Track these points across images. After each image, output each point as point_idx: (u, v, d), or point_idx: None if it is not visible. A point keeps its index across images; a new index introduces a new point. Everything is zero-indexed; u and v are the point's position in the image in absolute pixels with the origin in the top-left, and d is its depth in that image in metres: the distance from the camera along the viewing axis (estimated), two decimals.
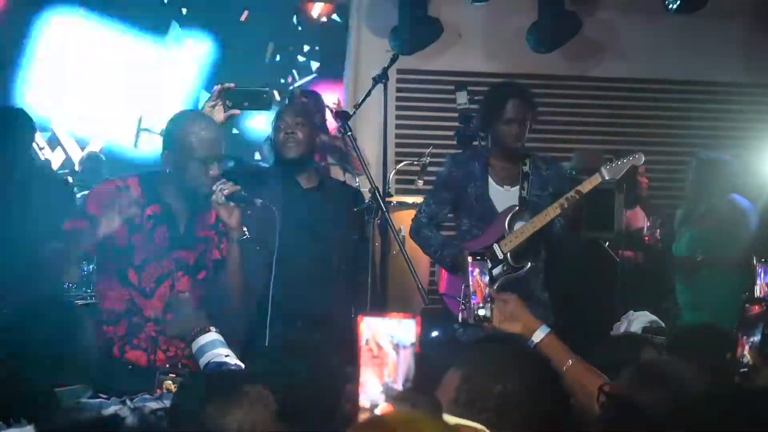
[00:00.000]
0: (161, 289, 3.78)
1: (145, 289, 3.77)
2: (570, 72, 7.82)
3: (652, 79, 7.98)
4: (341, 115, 4.79)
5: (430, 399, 1.93)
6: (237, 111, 4.10)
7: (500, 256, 4.86)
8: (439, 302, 5.39)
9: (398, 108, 7.55)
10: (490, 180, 4.97)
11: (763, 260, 3.45)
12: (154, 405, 2.82)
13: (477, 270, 3.07)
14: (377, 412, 1.83)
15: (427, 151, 6.71)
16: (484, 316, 2.95)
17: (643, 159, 4.95)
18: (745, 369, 3.00)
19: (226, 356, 3.21)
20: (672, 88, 8.01)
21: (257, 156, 6.93)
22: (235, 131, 7.79)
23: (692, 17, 7.42)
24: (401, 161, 7.11)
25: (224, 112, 4.06)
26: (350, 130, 4.63)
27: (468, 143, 6.01)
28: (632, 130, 7.92)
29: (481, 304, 3.02)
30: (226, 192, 3.71)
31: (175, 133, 3.77)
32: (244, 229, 3.84)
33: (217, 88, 4.08)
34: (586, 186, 4.80)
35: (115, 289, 3.78)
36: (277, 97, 7.58)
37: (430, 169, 6.79)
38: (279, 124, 4.74)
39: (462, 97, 6.23)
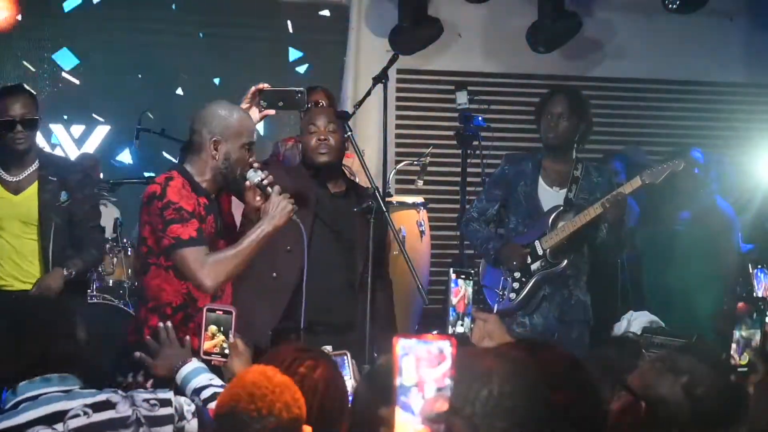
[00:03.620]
0: None
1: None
2: (570, 72, 7.81)
3: (652, 79, 7.97)
4: (341, 115, 4.78)
5: (466, 420, 1.92)
6: (272, 111, 4.18)
7: (540, 252, 5.00)
8: (439, 302, 5.39)
9: (398, 108, 7.55)
10: (540, 180, 5.15)
11: (759, 266, 3.46)
12: (147, 395, 2.81)
13: (461, 283, 3.06)
14: None
15: (427, 151, 6.71)
16: (462, 334, 2.94)
17: (683, 165, 5.06)
18: (743, 368, 3.01)
19: (210, 380, 3.18)
20: (672, 88, 8.01)
21: None
22: None
23: (692, 17, 7.41)
24: (401, 161, 7.10)
25: (259, 112, 4.13)
26: (350, 130, 4.62)
27: (468, 143, 6.01)
28: (632, 130, 7.92)
29: (460, 321, 3.01)
30: (284, 205, 3.89)
31: (223, 120, 3.96)
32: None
33: (252, 89, 4.12)
34: (627, 188, 4.98)
35: (173, 284, 3.94)
36: None
37: (430, 169, 6.79)
38: (310, 127, 4.65)
39: (462, 97, 6.20)
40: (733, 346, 3.02)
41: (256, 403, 2.41)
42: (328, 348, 3.27)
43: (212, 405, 2.88)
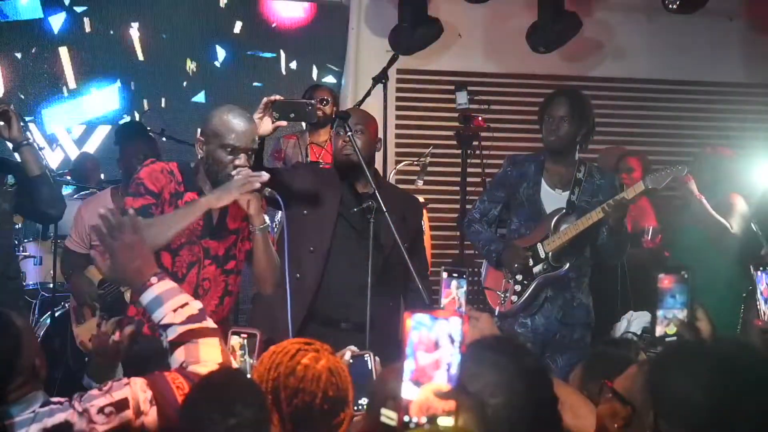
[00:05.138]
0: (191, 276, 4.02)
1: (177, 274, 3.97)
2: (570, 72, 7.81)
3: (652, 79, 7.98)
4: (342, 115, 4.80)
5: (473, 397, 1.93)
6: (283, 123, 4.26)
7: (542, 255, 5.00)
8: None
9: (398, 108, 7.55)
10: (543, 182, 5.14)
11: (761, 268, 3.46)
12: (102, 402, 2.73)
13: (452, 284, 3.04)
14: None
15: (427, 151, 6.72)
16: None
17: (686, 171, 5.08)
18: (672, 338, 2.99)
19: (181, 306, 2.86)
20: (672, 88, 8.01)
21: None
22: None
23: (692, 17, 7.41)
24: (401, 161, 7.11)
25: (271, 123, 4.22)
26: (350, 130, 4.63)
27: (468, 143, 6.02)
28: (632, 130, 7.92)
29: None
30: (240, 179, 3.89)
31: (211, 122, 3.99)
32: (265, 217, 4.04)
33: (264, 100, 4.22)
34: (630, 193, 4.97)
35: None
36: None
37: (430, 169, 6.80)
38: (338, 129, 4.74)
39: (462, 97, 6.21)
40: (658, 319, 3.00)
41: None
42: (353, 348, 3.27)
43: (177, 355, 2.82)
